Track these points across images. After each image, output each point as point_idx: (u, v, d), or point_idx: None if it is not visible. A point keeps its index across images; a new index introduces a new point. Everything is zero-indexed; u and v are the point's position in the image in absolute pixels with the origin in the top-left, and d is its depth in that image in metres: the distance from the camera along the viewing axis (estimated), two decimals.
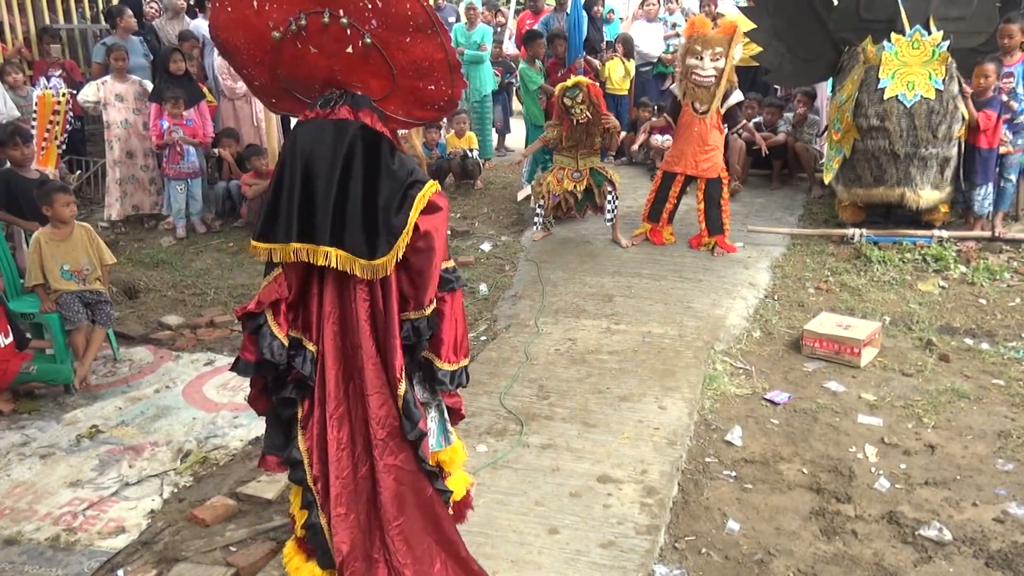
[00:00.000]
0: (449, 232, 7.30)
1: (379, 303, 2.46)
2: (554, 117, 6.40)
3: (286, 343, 2.45)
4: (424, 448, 2.56)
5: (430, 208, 2.42)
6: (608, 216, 6.42)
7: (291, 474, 2.58)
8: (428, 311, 2.48)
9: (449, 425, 2.73)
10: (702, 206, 6.27)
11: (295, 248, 2.39)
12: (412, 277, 2.45)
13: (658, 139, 8.38)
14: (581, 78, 6.24)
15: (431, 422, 2.66)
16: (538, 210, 6.55)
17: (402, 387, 2.47)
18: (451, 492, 2.68)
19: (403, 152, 2.50)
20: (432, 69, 2.45)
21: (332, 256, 2.38)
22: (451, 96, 2.53)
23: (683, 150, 6.24)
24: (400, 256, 2.38)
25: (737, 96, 6.23)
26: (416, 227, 2.39)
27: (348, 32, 2.37)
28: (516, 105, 10.37)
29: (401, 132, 2.76)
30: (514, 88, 10.18)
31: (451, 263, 2.59)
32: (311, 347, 2.48)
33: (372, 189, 2.38)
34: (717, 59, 5.94)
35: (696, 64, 5.99)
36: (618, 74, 9.02)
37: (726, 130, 6.38)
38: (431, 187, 2.43)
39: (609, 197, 6.34)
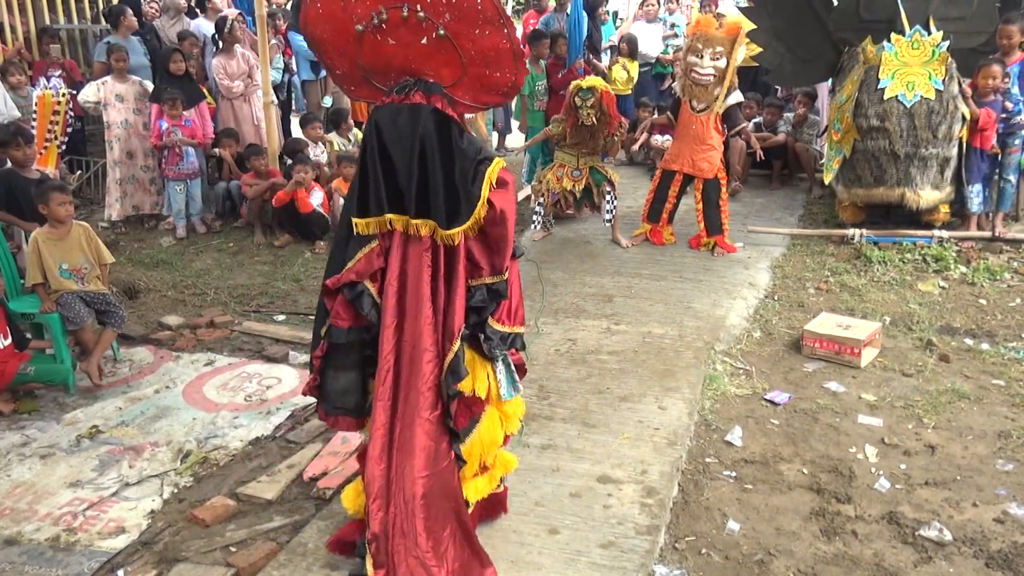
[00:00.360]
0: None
1: (441, 269, 2.68)
2: (562, 112, 6.39)
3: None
4: (453, 408, 2.71)
5: (499, 183, 2.66)
6: (607, 216, 6.42)
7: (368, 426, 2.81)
8: (505, 275, 2.72)
9: (516, 376, 2.92)
10: (700, 206, 6.27)
11: (389, 219, 2.65)
12: (490, 245, 2.68)
13: (658, 139, 8.38)
14: (597, 81, 6.17)
15: (500, 374, 2.85)
16: (537, 208, 6.55)
17: (456, 344, 2.65)
18: (465, 462, 2.78)
19: (470, 134, 2.77)
20: (498, 58, 2.68)
21: (420, 226, 2.64)
22: (515, 82, 2.76)
23: (680, 148, 6.28)
24: (479, 225, 2.63)
25: (736, 96, 6.22)
26: (490, 202, 2.62)
27: (423, 25, 2.62)
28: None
29: (467, 116, 2.99)
30: None
31: None
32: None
33: (448, 166, 2.62)
34: (717, 58, 5.95)
35: (696, 62, 6.01)
36: (621, 76, 9.05)
37: (725, 131, 6.38)
38: (498, 163, 2.68)
39: (608, 197, 6.34)
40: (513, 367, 2.90)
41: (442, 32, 2.61)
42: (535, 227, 6.65)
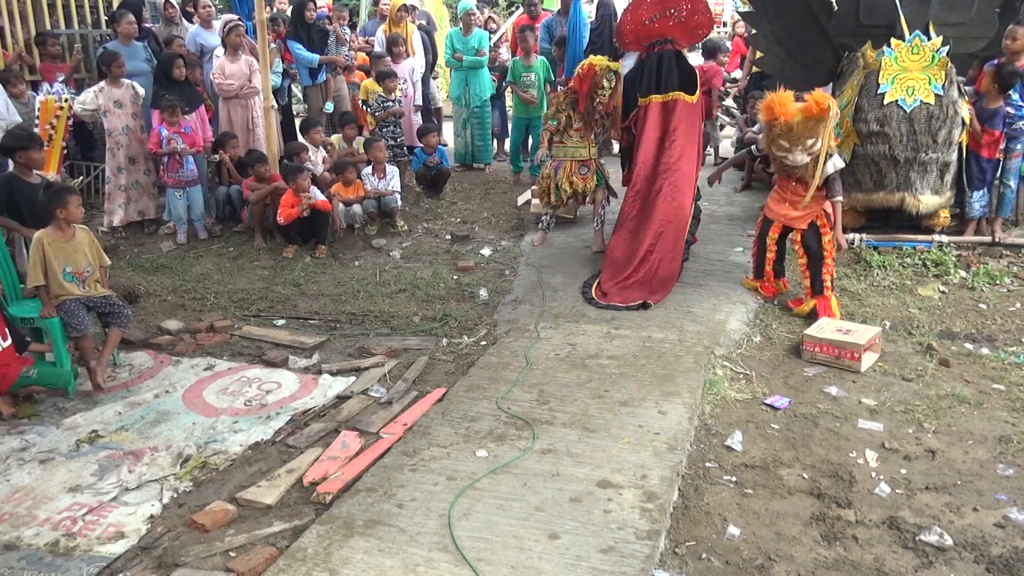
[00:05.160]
0: (449, 234, 7.24)
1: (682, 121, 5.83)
2: (557, 103, 6.29)
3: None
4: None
5: (699, 71, 5.97)
6: (596, 224, 6.44)
7: None
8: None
9: None
10: (803, 261, 5.27)
11: (668, 93, 5.78)
12: (709, 102, 6.11)
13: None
14: (615, 64, 6.04)
15: None
16: (547, 210, 6.60)
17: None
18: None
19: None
20: (704, 23, 5.96)
21: (679, 96, 5.78)
22: (708, 32, 6.13)
23: (780, 200, 5.37)
24: (700, 94, 5.86)
25: (835, 163, 5.12)
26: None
27: (672, 16, 5.80)
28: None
29: None
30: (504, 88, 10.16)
31: None
32: None
33: (686, 68, 5.82)
34: (810, 148, 4.97)
35: (784, 155, 5.07)
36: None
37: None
38: (696, 72, 5.89)
39: (603, 205, 6.38)
40: None
41: (682, 18, 5.82)
42: (543, 225, 6.69)
